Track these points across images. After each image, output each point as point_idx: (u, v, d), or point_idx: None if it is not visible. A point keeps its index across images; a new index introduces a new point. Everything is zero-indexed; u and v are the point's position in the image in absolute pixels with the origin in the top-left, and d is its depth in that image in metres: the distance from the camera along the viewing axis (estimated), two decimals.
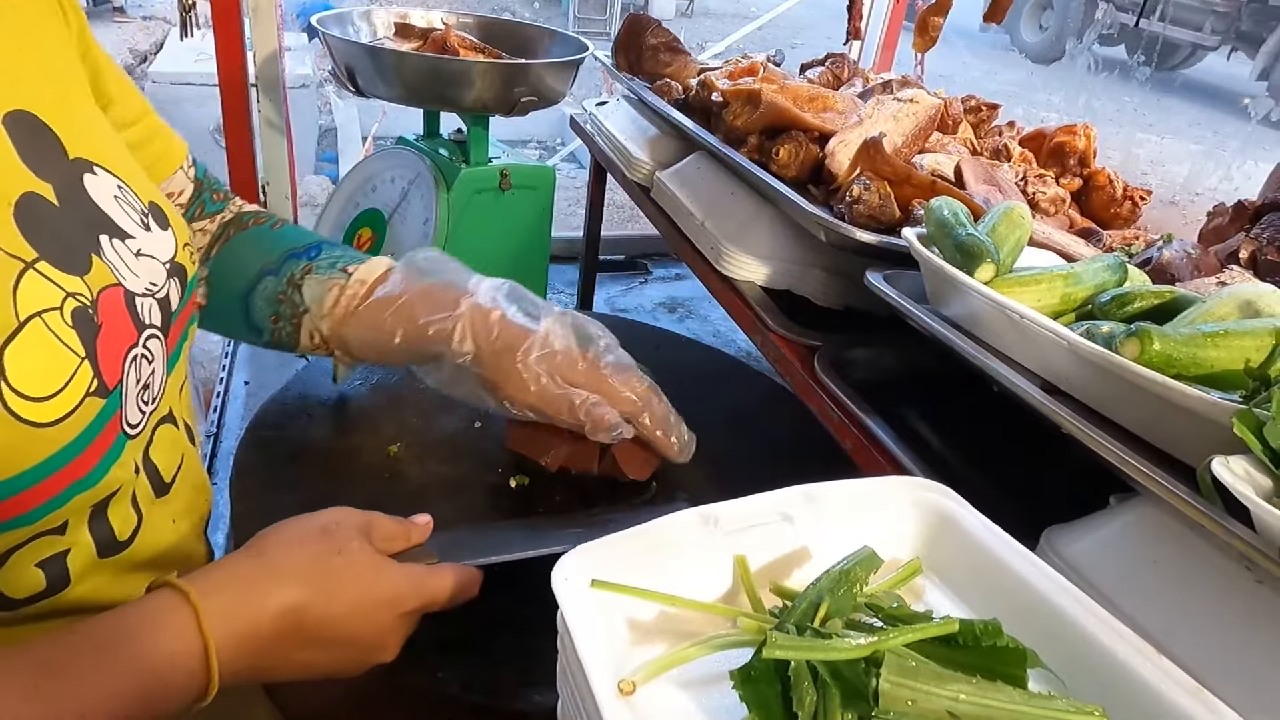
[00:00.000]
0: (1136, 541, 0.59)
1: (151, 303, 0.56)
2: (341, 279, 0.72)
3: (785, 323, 0.94)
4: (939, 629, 0.47)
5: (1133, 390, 0.60)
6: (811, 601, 0.50)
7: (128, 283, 0.53)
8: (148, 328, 0.55)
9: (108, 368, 0.50)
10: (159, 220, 0.59)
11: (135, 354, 0.53)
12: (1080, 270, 0.75)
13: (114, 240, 0.53)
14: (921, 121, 1.08)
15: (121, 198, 0.56)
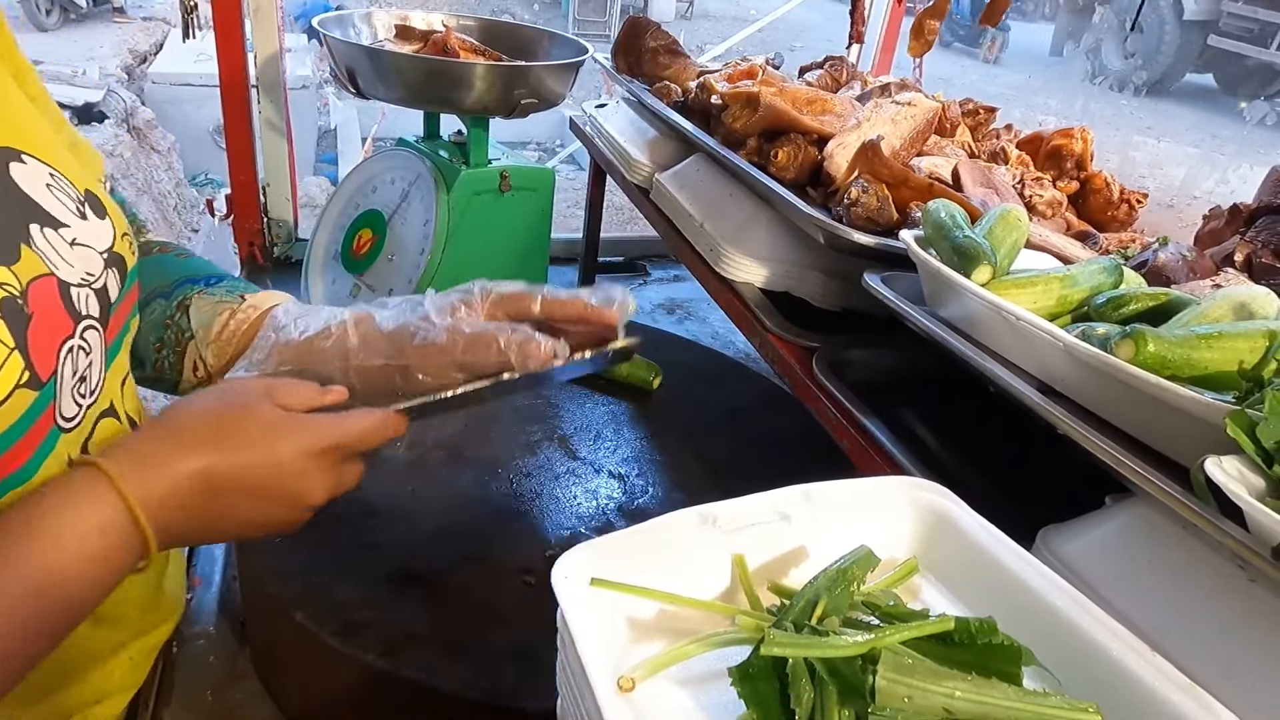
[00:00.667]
0: (1131, 541, 0.60)
1: (88, 293, 0.54)
2: (235, 302, 0.69)
3: (783, 324, 0.95)
4: (935, 626, 0.47)
5: (1127, 391, 0.60)
6: (809, 600, 0.51)
7: (61, 272, 0.52)
8: (84, 318, 0.54)
9: (40, 359, 0.49)
10: (95, 209, 0.57)
11: (71, 345, 0.52)
12: (1076, 272, 0.76)
13: (45, 229, 0.52)
14: (919, 124, 1.09)
15: (54, 185, 0.54)
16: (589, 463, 0.96)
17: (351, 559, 0.78)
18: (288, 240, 1.60)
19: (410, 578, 0.78)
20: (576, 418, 1.03)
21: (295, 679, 0.78)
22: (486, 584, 0.78)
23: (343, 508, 0.84)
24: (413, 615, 0.74)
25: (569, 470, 0.94)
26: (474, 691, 0.68)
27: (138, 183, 5.11)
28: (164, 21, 7.29)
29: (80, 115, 4.94)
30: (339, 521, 0.83)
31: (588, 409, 1.05)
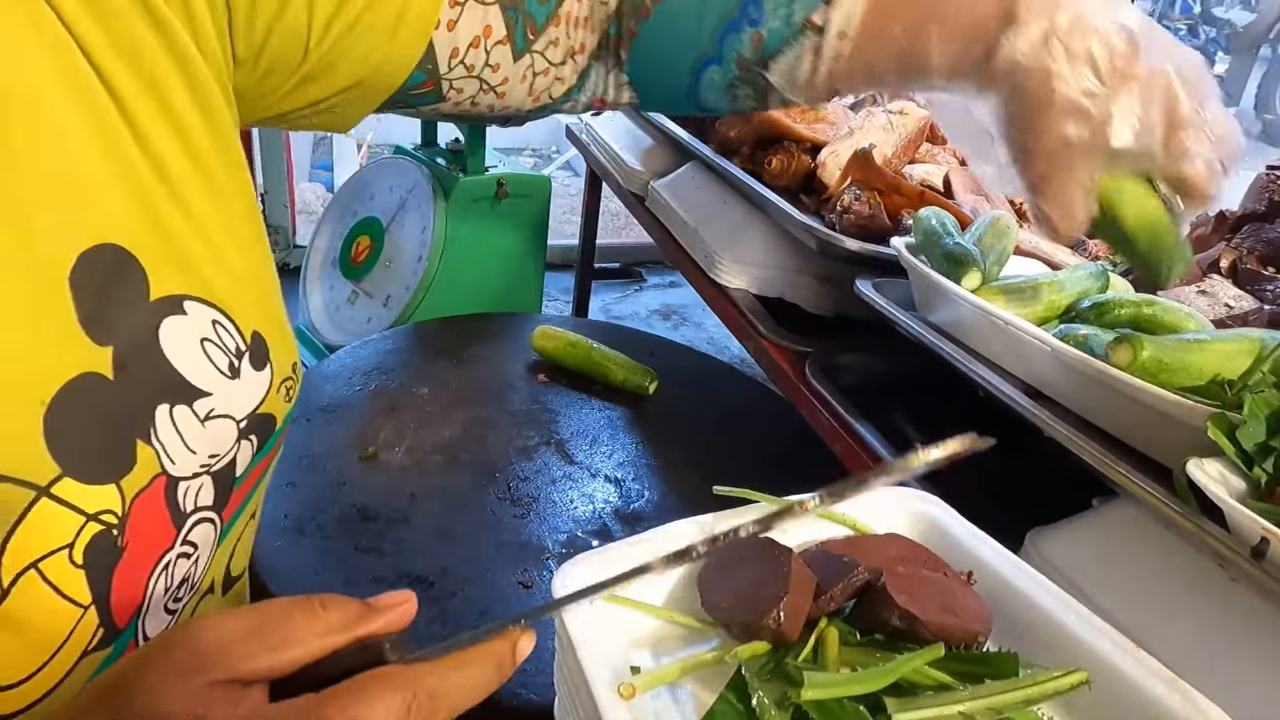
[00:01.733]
0: (1116, 542, 0.61)
1: (203, 481, 0.43)
2: (813, 39, 0.51)
3: (777, 329, 0.96)
4: (932, 653, 0.48)
5: (1113, 395, 0.62)
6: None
7: (174, 468, 0.41)
8: (192, 515, 0.43)
9: (122, 602, 0.39)
10: (257, 359, 0.46)
11: (168, 561, 0.41)
12: (1064, 278, 0.77)
13: (176, 409, 0.41)
14: (911, 133, 1.11)
15: (213, 339, 0.43)
16: (585, 467, 0.97)
17: (351, 562, 0.79)
18: (286, 247, 1.61)
19: (409, 581, 0.78)
20: (573, 423, 1.04)
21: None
22: (484, 587, 0.79)
23: (342, 511, 0.85)
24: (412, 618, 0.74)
25: (565, 475, 0.95)
26: None
27: None
28: None
29: None
30: (339, 525, 0.84)
31: (584, 414, 1.07)
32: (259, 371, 0.45)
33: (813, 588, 0.53)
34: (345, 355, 1.10)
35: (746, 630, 0.52)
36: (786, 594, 0.50)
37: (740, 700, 0.47)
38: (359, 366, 1.09)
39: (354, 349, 1.11)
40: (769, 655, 0.51)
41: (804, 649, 0.51)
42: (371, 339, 1.15)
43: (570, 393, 1.10)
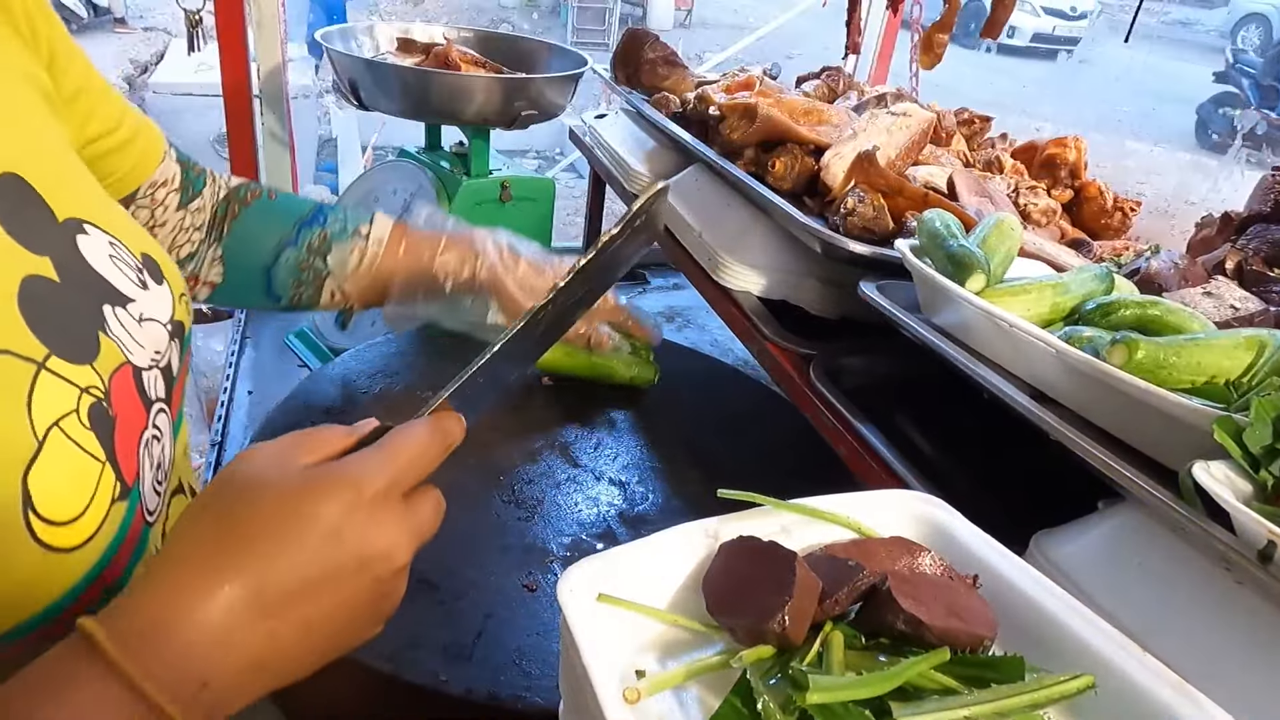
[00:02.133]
0: (1121, 545, 0.61)
1: (156, 374, 0.51)
2: (360, 243, 0.79)
3: (781, 331, 0.96)
4: (937, 657, 0.48)
5: (1118, 397, 0.62)
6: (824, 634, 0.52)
7: (134, 358, 0.49)
8: (155, 403, 0.50)
9: (126, 464, 0.46)
10: (154, 274, 0.54)
11: (147, 437, 0.49)
12: (1069, 280, 0.77)
13: (117, 309, 0.49)
14: (915, 134, 1.10)
15: (116, 256, 0.51)
16: (589, 470, 0.97)
17: None
18: None
19: (413, 582, 0.78)
20: (577, 425, 1.04)
21: (299, 683, 0.79)
22: (489, 590, 0.79)
23: None
24: (416, 620, 0.75)
25: (570, 477, 0.95)
26: (477, 695, 0.69)
27: None
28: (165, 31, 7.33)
29: None
30: None
31: (588, 416, 1.07)
32: (159, 286, 0.55)
33: (817, 591, 0.53)
34: (350, 359, 1.10)
35: (751, 634, 0.52)
36: (791, 598, 0.50)
37: (745, 704, 0.47)
38: (363, 370, 1.09)
39: (358, 352, 1.11)
40: (774, 659, 0.51)
41: (809, 653, 0.51)
42: (376, 342, 1.15)
43: (574, 395, 1.10)
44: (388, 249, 0.81)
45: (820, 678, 0.44)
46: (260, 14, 1.43)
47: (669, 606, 0.58)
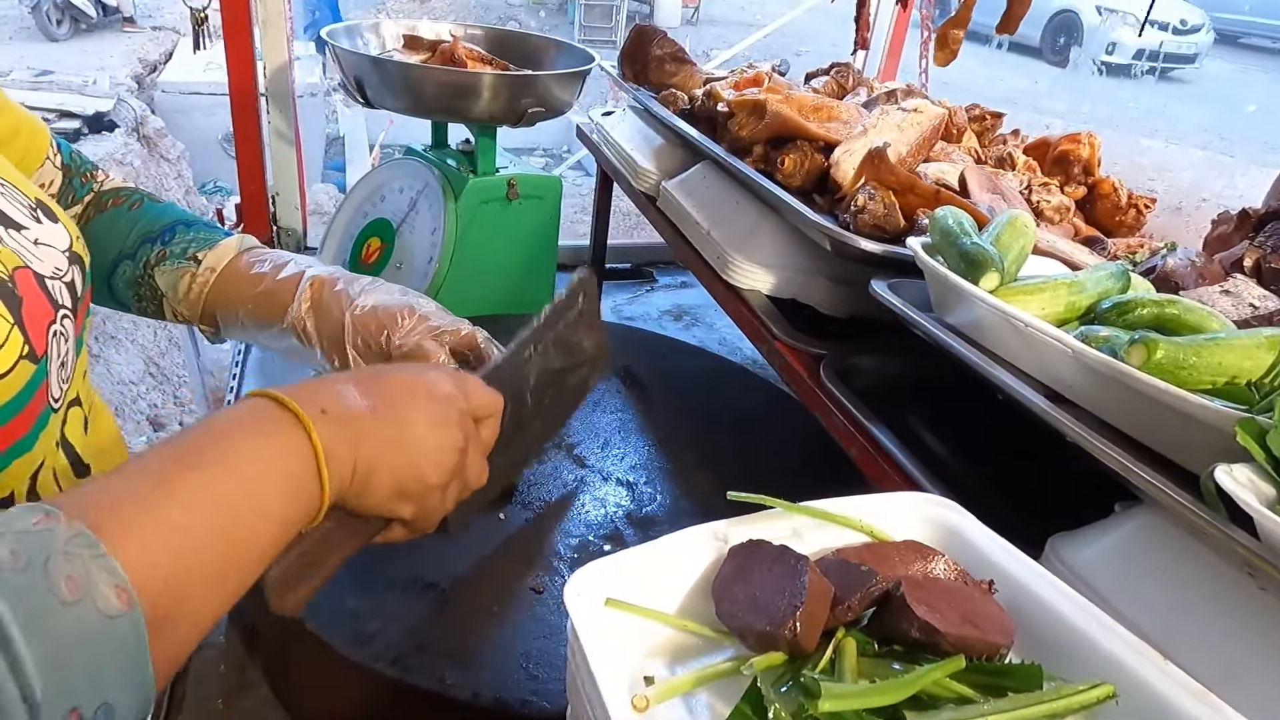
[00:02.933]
0: (1140, 549, 0.60)
1: (60, 285, 0.57)
2: (191, 267, 0.74)
3: (790, 331, 0.95)
4: (951, 665, 0.47)
5: (1136, 398, 0.60)
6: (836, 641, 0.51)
7: (34, 265, 0.54)
8: (61, 308, 0.56)
9: (35, 337, 0.51)
10: (48, 215, 0.59)
11: (55, 330, 0.54)
12: (1084, 278, 0.76)
13: (10, 231, 0.54)
14: (926, 131, 1.09)
15: (7, 195, 0.56)
16: (597, 471, 0.96)
17: (362, 567, 0.78)
18: (297, 249, 1.61)
19: (420, 586, 0.78)
20: (584, 425, 1.04)
21: (306, 687, 0.79)
22: (496, 592, 0.78)
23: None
24: (423, 624, 0.74)
25: (577, 478, 0.94)
26: (484, 699, 0.68)
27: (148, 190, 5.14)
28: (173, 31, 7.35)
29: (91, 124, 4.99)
30: None
31: (596, 416, 1.06)
32: (54, 224, 0.59)
33: (829, 597, 0.52)
34: None
35: (762, 640, 0.51)
36: (803, 605, 0.50)
37: (756, 712, 0.46)
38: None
39: None
40: (785, 666, 0.50)
41: (821, 659, 0.50)
42: None
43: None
44: (224, 281, 0.75)
45: (832, 685, 0.43)
46: (266, 12, 1.42)
47: (678, 611, 0.57)
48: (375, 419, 0.53)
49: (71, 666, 0.34)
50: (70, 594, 0.35)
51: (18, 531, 0.35)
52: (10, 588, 0.33)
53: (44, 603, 0.34)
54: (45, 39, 6.63)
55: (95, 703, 0.35)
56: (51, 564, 0.35)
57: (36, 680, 0.32)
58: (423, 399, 0.56)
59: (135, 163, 5.00)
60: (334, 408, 0.51)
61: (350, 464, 0.51)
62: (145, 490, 0.41)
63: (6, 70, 5.66)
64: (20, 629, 0.33)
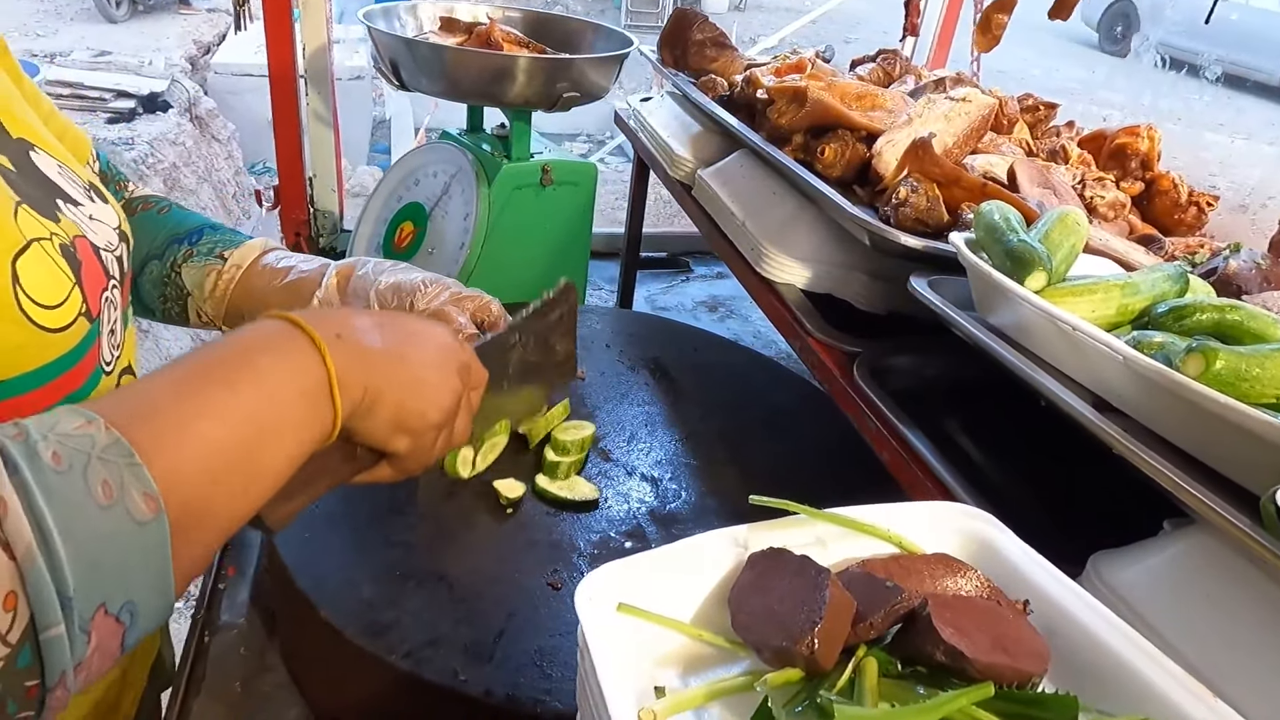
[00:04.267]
0: (1190, 572, 0.56)
1: (111, 257, 0.60)
2: (218, 264, 0.76)
3: (824, 327, 0.92)
4: (978, 693, 0.44)
5: (1192, 410, 0.56)
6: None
7: (91, 237, 0.57)
8: (113, 278, 0.59)
9: (91, 298, 0.55)
10: (100, 197, 0.63)
11: (108, 297, 0.58)
12: (1138, 280, 0.71)
13: (69, 205, 0.57)
14: (974, 121, 1.05)
15: (64, 174, 0.59)
16: (622, 465, 0.94)
17: (380, 557, 0.78)
18: (333, 231, 1.61)
19: (437, 578, 0.77)
20: (611, 418, 1.02)
21: (321, 675, 0.78)
22: (513, 587, 0.77)
23: (374, 505, 0.84)
24: (438, 617, 0.73)
25: (601, 471, 0.93)
26: (496, 697, 0.67)
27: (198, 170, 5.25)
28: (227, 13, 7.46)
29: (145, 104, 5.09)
30: (370, 519, 0.82)
31: (623, 409, 1.04)
32: (105, 205, 0.62)
33: (851, 613, 0.49)
34: None
35: (779, 656, 0.49)
36: (822, 620, 0.47)
37: None
38: None
39: None
40: (802, 684, 0.48)
41: (840, 679, 0.47)
42: None
43: (609, 388, 1.07)
44: (250, 276, 0.77)
45: (848, 708, 0.41)
46: None
47: (694, 620, 0.55)
48: (384, 352, 0.55)
49: (102, 566, 0.37)
50: (105, 498, 0.37)
51: (61, 434, 0.38)
52: (51, 489, 0.35)
53: (81, 505, 0.36)
54: (104, 20, 6.77)
55: (121, 600, 0.38)
56: (90, 469, 0.37)
57: (70, 577, 0.35)
58: (429, 344, 0.59)
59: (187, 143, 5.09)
60: (347, 334, 0.53)
61: (360, 389, 0.52)
62: (177, 402, 0.43)
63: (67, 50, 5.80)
64: (59, 529, 0.35)
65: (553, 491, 0.87)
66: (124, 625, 0.38)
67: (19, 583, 0.34)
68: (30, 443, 0.36)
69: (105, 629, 0.37)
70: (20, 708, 0.36)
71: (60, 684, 0.36)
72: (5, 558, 0.34)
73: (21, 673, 0.35)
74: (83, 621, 0.36)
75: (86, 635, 0.36)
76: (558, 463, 0.89)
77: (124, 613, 0.38)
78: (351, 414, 0.52)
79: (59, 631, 0.35)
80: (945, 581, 0.54)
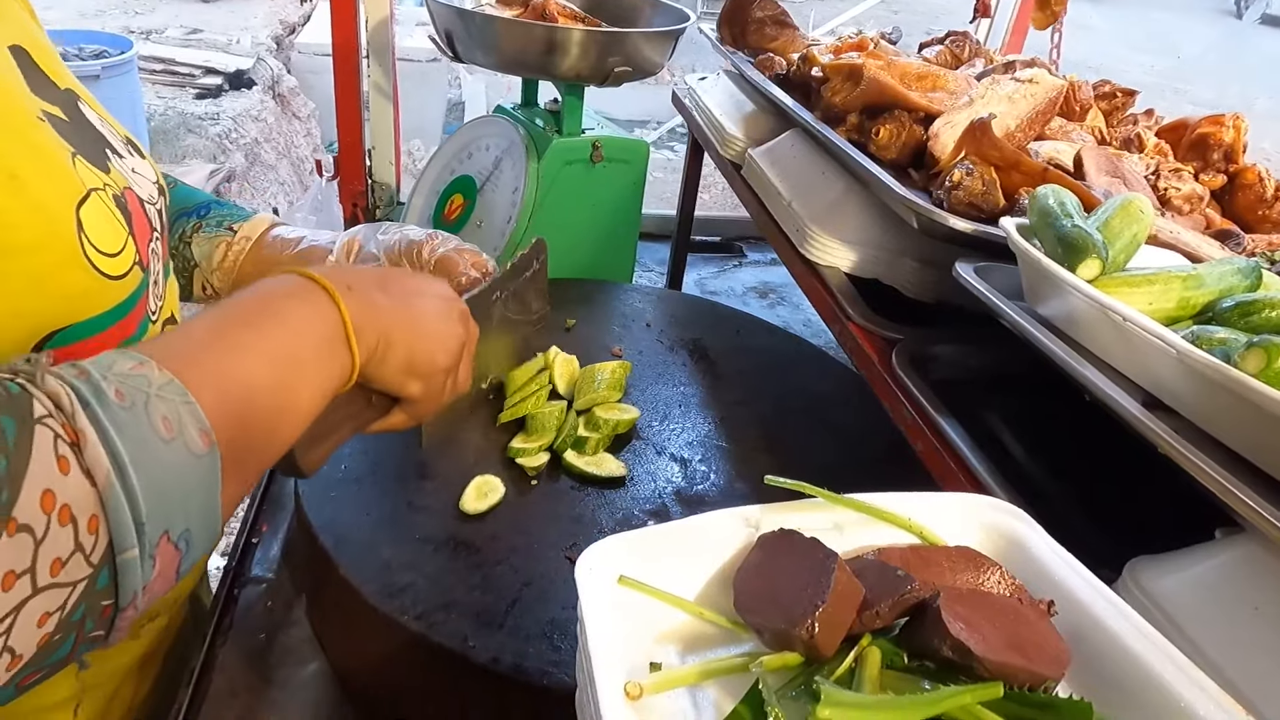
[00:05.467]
0: (1235, 583, 0.52)
1: (155, 210, 0.61)
2: (228, 236, 0.78)
3: (866, 312, 0.88)
4: (988, 691, 0.41)
5: (1251, 410, 0.52)
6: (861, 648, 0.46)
7: (137, 189, 0.59)
8: (155, 230, 0.61)
9: (141, 248, 0.57)
10: (137, 152, 0.64)
11: (154, 248, 0.60)
12: (1203, 272, 0.67)
13: (114, 156, 0.59)
14: (1040, 104, 0.99)
15: (105, 126, 0.61)
16: (652, 443, 0.93)
17: (401, 519, 0.79)
18: (390, 203, 1.63)
19: (456, 544, 0.77)
20: (646, 397, 1.00)
21: (339, 631, 0.79)
22: (530, 557, 0.76)
23: (400, 468, 0.85)
24: (453, 582, 0.73)
25: (630, 449, 0.91)
26: (503, 665, 0.67)
27: (278, 146, 5.41)
28: None
29: (231, 81, 5.27)
30: (396, 481, 0.83)
31: (659, 389, 1.02)
32: (143, 160, 0.63)
33: (858, 600, 0.47)
34: None
35: (778, 639, 0.47)
36: (824, 604, 0.45)
37: (755, 717, 0.42)
38: None
39: None
40: (800, 669, 0.46)
41: (840, 667, 0.45)
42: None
43: (647, 367, 1.06)
44: (259, 248, 0.80)
45: (835, 692, 0.39)
46: None
47: (698, 598, 0.53)
48: (393, 303, 0.58)
49: (168, 495, 0.39)
50: (167, 433, 0.40)
51: (120, 374, 0.40)
52: (121, 423, 0.38)
53: (148, 438, 0.39)
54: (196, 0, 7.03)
55: (181, 528, 0.41)
56: (150, 405, 0.40)
57: (144, 504, 0.38)
58: (431, 296, 0.62)
59: (269, 119, 5.25)
60: (357, 286, 0.55)
61: (374, 336, 0.55)
62: (215, 345, 0.46)
63: (161, 27, 6.03)
64: (130, 459, 0.38)
65: (579, 466, 0.86)
66: (180, 552, 0.41)
67: (100, 507, 0.37)
68: (94, 381, 0.39)
69: (167, 555, 0.40)
70: (95, 626, 0.39)
71: (131, 604, 0.39)
72: (88, 484, 0.36)
73: (100, 593, 0.38)
74: (150, 547, 0.39)
75: (153, 560, 0.39)
76: (587, 438, 0.88)
77: (181, 540, 0.41)
78: (368, 360, 0.55)
79: (134, 554, 0.38)
80: (965, 576, 0.51)
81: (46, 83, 0.56)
